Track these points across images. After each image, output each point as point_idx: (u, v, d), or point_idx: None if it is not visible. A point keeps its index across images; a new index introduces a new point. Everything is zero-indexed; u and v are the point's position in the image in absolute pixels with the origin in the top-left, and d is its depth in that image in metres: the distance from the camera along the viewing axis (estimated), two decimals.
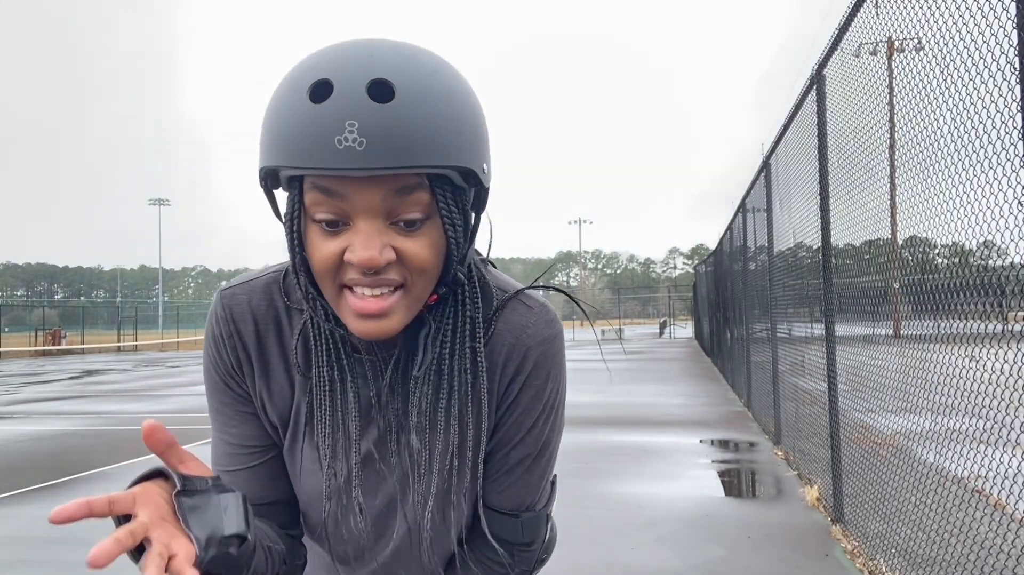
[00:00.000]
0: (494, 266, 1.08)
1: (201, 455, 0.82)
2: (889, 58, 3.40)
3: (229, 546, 0.77)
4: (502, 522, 1.07)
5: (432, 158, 0.81)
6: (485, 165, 0.89)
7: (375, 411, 0.99)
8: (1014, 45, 2.09)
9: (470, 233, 0.92)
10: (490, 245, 1.06)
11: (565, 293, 1.10)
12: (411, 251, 0.85)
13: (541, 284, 1.08)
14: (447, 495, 1.00)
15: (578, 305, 1.12)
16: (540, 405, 1.03)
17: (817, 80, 4.77)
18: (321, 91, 0.80)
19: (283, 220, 0.89)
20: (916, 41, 2.94)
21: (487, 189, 0.93)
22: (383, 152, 0.79)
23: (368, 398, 0.99)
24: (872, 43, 3.58)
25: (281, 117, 0.83)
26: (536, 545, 1.11)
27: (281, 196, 0.90)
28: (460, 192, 0.88)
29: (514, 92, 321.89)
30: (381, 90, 0.80)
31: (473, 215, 0.93)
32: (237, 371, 1.02)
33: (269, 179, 0.88)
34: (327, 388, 0.97)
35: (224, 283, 1.05)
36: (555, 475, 1.14)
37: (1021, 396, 2.16)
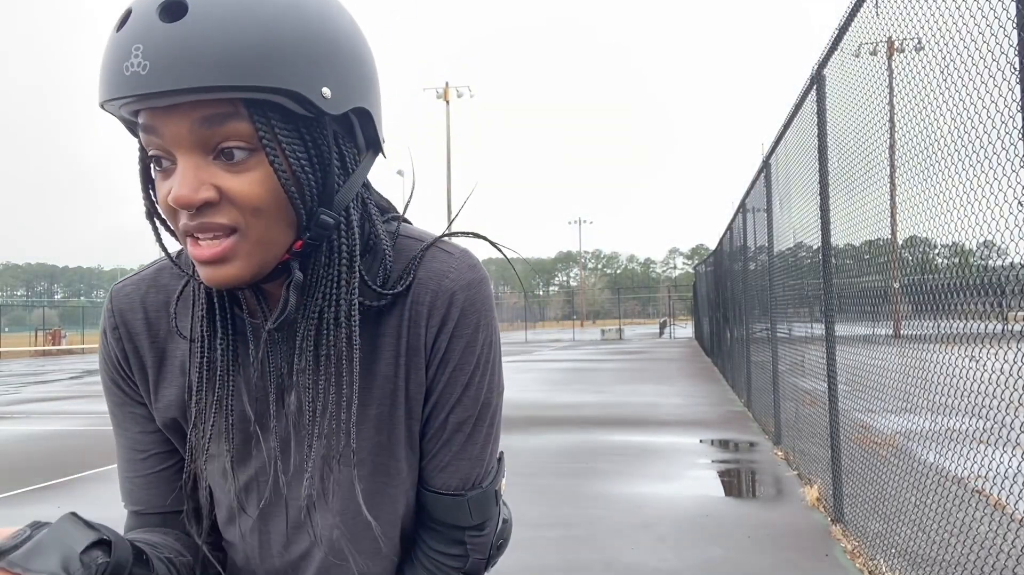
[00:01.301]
0: (408, 222, 1.00)
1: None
2: (889, 58, 3.40)
3: (95, 559, 0.74)
4: (447, 505, 0.96)
5: (230, 78, 0.73)
6: (326, 89, 0.79)
7: (253, 370, 0.91)
8: (1014, 45, 2.09)
9: (333, 169, 0.83)
10: (408, 201, 1.00)
11: (487, 239, 1.00)
12: (235, 188, 0.78)
13: (460, 232, 0.99)
14: (328, 462, 0.90)
15: (499, 250, 1.01)
16: (474, 358, 0.93)
17: (817, 80, 4.77)
18: (122, 19, 0.76)
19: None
20: (916, 41, 2.95)
21: (369, 119, 0.86)
22: (167, 75, 0.72)
23: (247, 356, 0.92)
24: (872, 43, 3.58)
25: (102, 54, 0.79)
26: (489, 528, 1.00)
27: None
28: (304, 121, 0.80)
29: (514, 91, 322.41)
30: (173, 9, 0.73)
31: (348, 151, 0.85)
32: (123, 367, 0.98)
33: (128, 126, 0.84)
34: (198, 346, 0.90)
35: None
36: (502, 452, 1.03)
37: (1021, 396, 2.16)
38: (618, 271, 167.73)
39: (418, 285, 0.92)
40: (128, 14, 0.75)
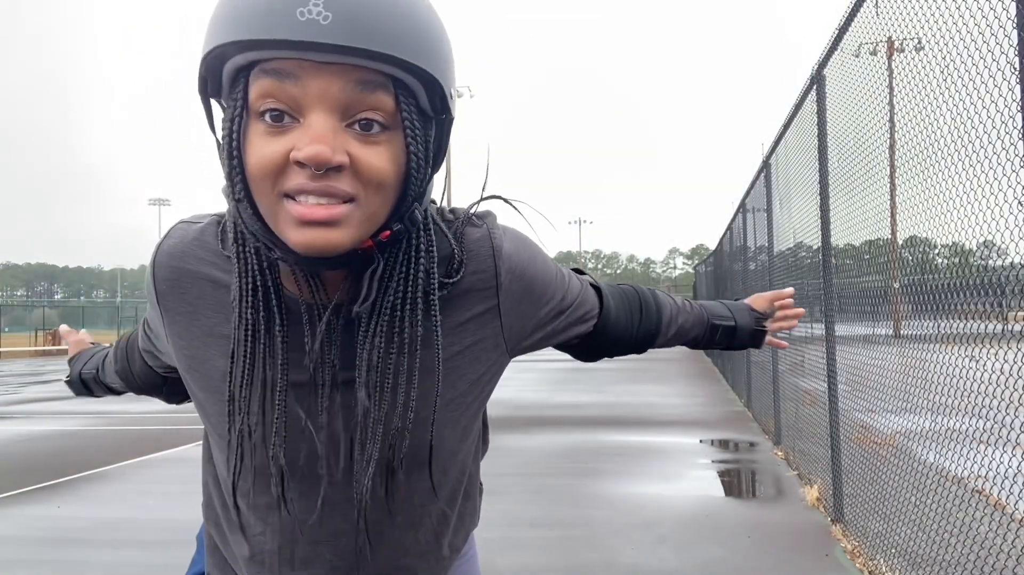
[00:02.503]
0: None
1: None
2: (889, 58, 3.40)
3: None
4: (619, 328, 1.17)
5: (403, 52, 0.75)
6: (452, 90, 0.82)
7: (307, 361, 0.87)
8: (1014, 45, 2.09)
9: (431, 169, 0.84)
10: (445, 188, 1.01)
11: (503, 199, 1.01)
12: (367, 159, 0.77)
13: (481, 199, 1.01)
14: (389, 463, 0.90)
15: (520, 213, 1.02)
16: (553, 284, 1.03)
17: (817, 80, 4.77)
18: None
19: (222, 126, 0.79)
20: (916, 41, 2.94)
21: (449, 130, 0.86)
22: (350, 30, 0.72)
23: (300, 346, 0.87)
24: (872, 43, 3.58)
25: None
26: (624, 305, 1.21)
27: (219, 112, 0.82)
28: (424, 116, 0.81)
29: (514, 90, 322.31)
30: None
31: (434, 157, 0.85)
32: (157, 303, 0.96)
33: (210, 79, 0.80)
34: (249, 331, 0.85)
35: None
36: (576, 274, 1.15)
37: (1021, 396, 2.16)
38: (618, 271, 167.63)
39: (470, 259, 0.93)
40: None
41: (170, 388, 1.26)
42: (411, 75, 0.78)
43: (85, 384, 1.48)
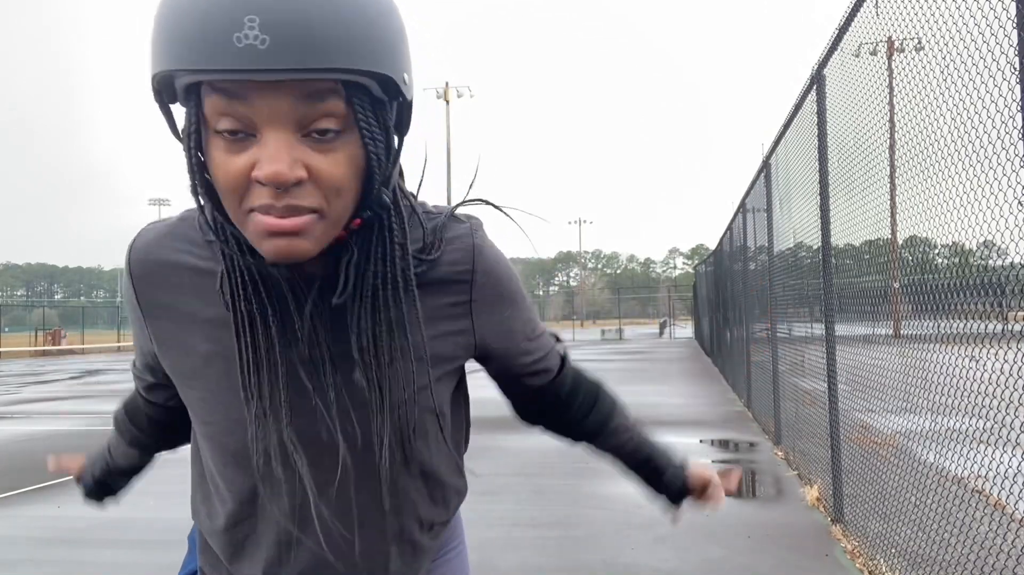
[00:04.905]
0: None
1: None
2: (889, 58, 3.40)
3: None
4: (569, 379, 1.20)
5: (346, 60, 0.74)
6: (406, 75, 0.82)
7: (302, 345, 0.91)
8: (1014, 45, 2.09)
9: (393, 154, 0.85)
10: (421, 181, 1.02)
11: (492, 204, 1.04)
12: (325, 169, 0.78)
13: (469, 201, 1.03)
14: (404, 432, 0.96)
15: (509, 217, 1.05)
16: (518, 292, 1.05)
17: (817, 80, 4.77)
18: None
19: (183, 137, 0.80)
20: (916, 41, 2.94)
21: (410, 106, 0.87)
22: (289, 51, 0.71)
23: (294, 331, 0.91)
24: (872, 43, 3.58)
25: (171, 13, 0.74)
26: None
27: (179, 112, 0.82)
28: (379, 105, 0.81)
29: (513, 88, 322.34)
30: None
31: (396, 137, 0.86)
32: (135, 301, 0.99)
33: (164, 91, 0.79)
34: (246, 323, 0.88)
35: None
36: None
37: (1021, 396, 2.16)
38: (618, 271, 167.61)
39: (449, 250, 0.96)
40: None
41: (181, 419, 1.22)
42: (366, 76, 0.78)
43: (101, 485, 1.38)
